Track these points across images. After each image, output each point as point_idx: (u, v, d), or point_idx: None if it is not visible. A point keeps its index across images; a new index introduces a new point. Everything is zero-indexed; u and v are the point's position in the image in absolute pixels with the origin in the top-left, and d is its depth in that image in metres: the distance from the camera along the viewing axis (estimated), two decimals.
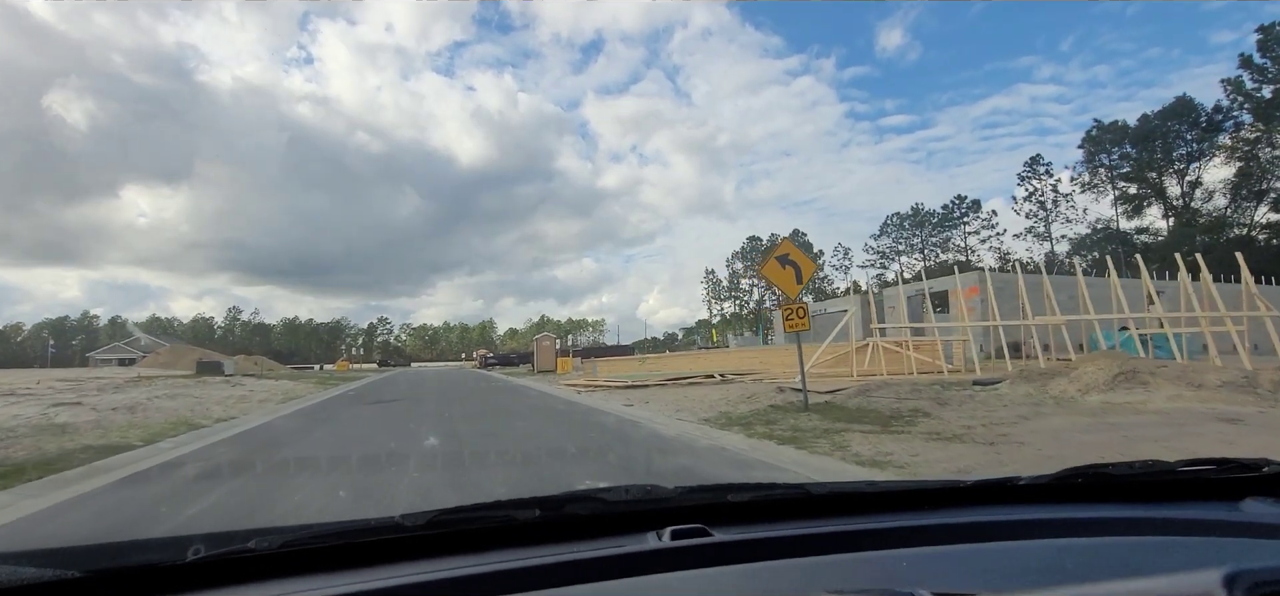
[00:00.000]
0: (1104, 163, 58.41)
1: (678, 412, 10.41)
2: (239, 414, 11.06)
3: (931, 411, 8.17)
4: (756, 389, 12.46)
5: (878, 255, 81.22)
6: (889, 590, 0.80)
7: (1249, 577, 0.48)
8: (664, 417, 9.77)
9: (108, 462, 6.06)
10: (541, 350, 36.69)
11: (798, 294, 8.94)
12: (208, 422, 9.67)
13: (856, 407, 8.81)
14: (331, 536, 1.04)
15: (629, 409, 11.30)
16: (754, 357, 19.92)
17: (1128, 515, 1.20)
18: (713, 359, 21.30)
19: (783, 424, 7.97)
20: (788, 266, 8.93)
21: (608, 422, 9.20)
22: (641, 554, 1.02)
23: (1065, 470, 1.39)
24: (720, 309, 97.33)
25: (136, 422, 9.29)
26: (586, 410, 11.26)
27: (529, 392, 16.78)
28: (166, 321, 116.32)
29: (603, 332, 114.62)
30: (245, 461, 6.25)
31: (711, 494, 1.28)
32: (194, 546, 0.94)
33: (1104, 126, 58.10)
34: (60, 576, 0.86)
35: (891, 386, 10.26)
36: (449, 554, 1.03)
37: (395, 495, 4.58)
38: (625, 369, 22.06)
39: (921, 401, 8.50)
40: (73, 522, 3.98)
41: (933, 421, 7.58)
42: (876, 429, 7.12)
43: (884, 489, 1.43)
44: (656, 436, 7.66)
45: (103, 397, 12.81)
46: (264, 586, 0.94)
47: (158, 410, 10.82)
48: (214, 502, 4.38)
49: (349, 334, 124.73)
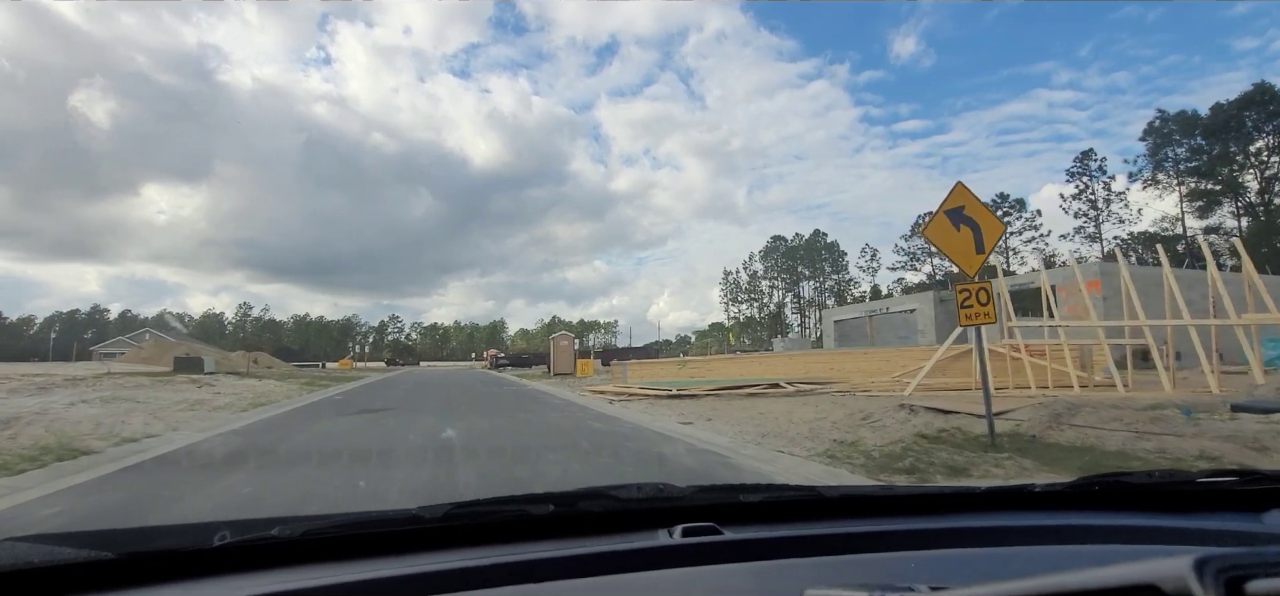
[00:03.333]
0: (1169, 156, 53.89)
1: (767, 438, 7.34)
2: (165, 430, 8.13)
3: (1242, 459, 5.05)
4: (858, 404, 9.35)
5: (908, 256, 77.25)
6: (887, 584, 0.78)
7: (1219, 561, 0.47)
8: (757, 450, 6.70)
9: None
10: (558, 351, 33.42)
11: (979, 267, 5.82)
12: (102, 446, 6.73)
13: (1081, 447, 5.68)
14: (351, 526, 1.05)
15: (691, 431, 8.24)
16: (817, 363, 16.71)
17: (1145, 524, 1.17)
18: (765, 364, 18.11)
19: (982, 476, 4.90)
20: (963, 226, 5.80)
21: (681, 459, 6.16)
22: (653, 549, 1.04)
23: (1083, 477, 1.38)
24: (737, 311, 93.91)
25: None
26: (635, 433, 8.21)
27: (551, 402, 13.76)
28: (178, 317, 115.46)
29: (614, 334, 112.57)
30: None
31: (723, 493, 1.29)
32: (219, 532, 0.96)
33: (1169, 117, 53.58)
34: (96, 557, 0.89)
35: (1077, 408, 7.14)
36: (464, 546, 1.04)
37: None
38: (661, 373, 18.95)
39: (1189, 440, 5.37)
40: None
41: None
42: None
43: (898, 493, 1.44)
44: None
45: (7, 401, 9.96)
46: (286, 572, 0.93)
47: (53, 421, 7.91)
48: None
49: (360, 332, 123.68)
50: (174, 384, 16.49)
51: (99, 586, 0.88)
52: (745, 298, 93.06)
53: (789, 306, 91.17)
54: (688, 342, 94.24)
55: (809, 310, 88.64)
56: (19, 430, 7.13)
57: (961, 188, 6.01)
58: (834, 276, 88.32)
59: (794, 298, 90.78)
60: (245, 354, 46.29)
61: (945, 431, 6.78)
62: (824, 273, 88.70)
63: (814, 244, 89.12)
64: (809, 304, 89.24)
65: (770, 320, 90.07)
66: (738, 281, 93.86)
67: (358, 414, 10.62)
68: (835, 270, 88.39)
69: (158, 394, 12.97)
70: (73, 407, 9.74)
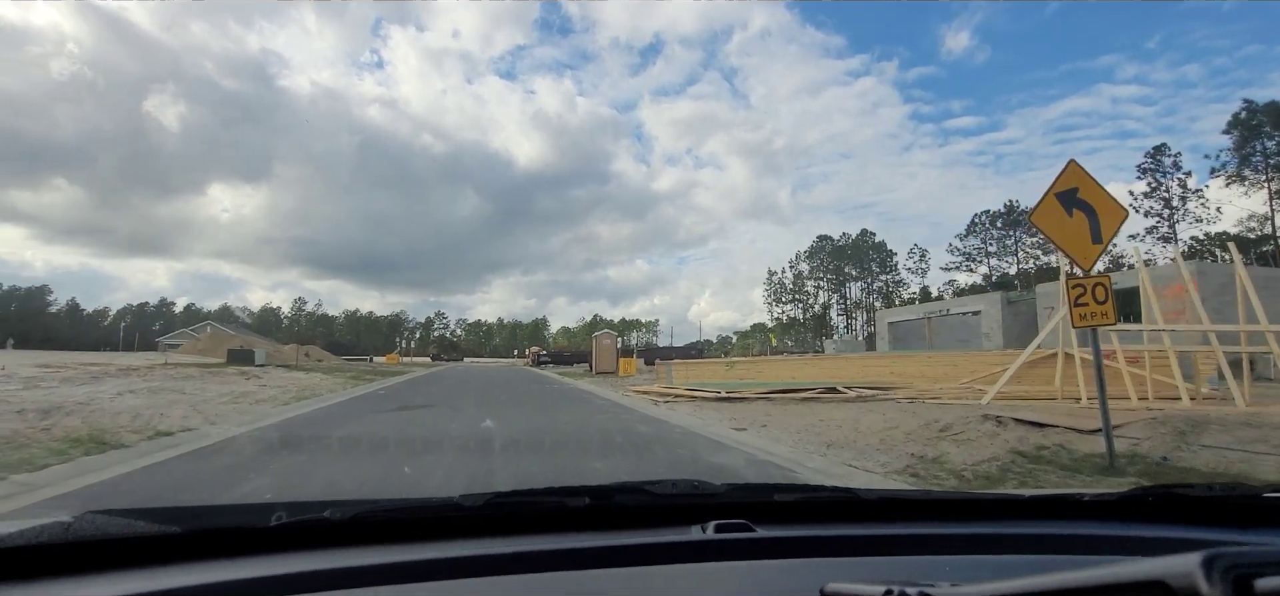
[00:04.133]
0: (1257, 150, 49.46)
1: (834, 449, 6.59)
2: (203, 424, 7.94)
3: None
4: (930, 413, 8.47)
5: (963, 257, 73.87)
6: (911, 582, 0.76)
7: (1227, 558, 0.47)
8: (824, 463, 5.97)
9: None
10: (601, 349, 32.98)
11: (1095, 259, 4.93)
12: (135, 439, 6.51)
13: (1225, 472, 4.74)
14: (398, 511, 1.09)
15: (746, 438, 7.54)
16: (874, 366, 15.65)
17: (1201, 537, 1.11)
18: (818, 366, 17.15)
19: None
20: (1076, 211, 4.91)
21: (740, 471, 5.48)
22: (685, 543, 1.05)
23: (1136, 488, 1.30)
24: (781, 312, 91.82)
25: (26, 434, 6.23)
26: (685, 438, 7.57)
27: (594, 401, 13.25)
28: (237, 310, 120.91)
29: (655, 333, 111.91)
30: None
31: (758, 492, 1.30)
32: (277, 513, 1.01)
33: (1257, 109, 49.06)
34: (165, 531, 0.94)
35: (1201, 425, 6.12)
36: (503, 534, 1.07)
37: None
38: (707, 375, 18.21)
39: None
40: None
41: None
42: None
43: (937, 497, 1.41)
44: None
45: (57, 390, 10.03)
46: (337, 552, 0.97)
47: (93, 412, 7.81)
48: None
49: (407, 328, 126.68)
50: (223, 375, 16.70)
51: (166, 559, 0.92)
52: (790, 298, 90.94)
53: (835, 307, 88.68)
54: (729, 343, 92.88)
55: (856, 311, 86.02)
56: (57, 421, 7.00)
57: (1075, 166, 5.12)
58: (882, 277, 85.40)
59: (840, 298, 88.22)
60: (297, 347, 47.70)
61: (1045, 449, 5.89)
62: (871, 273, 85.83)
63: (861, 244, 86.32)
64: (855, 305, 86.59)
65: (815, 322, 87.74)
66: (782, 281, 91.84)
67: (400, 409, 10.31)
68: (883, 271, 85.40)
69: (205, 385, 13.03)
70: (119, 398, 9.72)
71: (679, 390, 14.46)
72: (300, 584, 0.88)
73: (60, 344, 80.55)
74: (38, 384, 11.23)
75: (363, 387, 16.44)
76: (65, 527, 0.91)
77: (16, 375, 13.34)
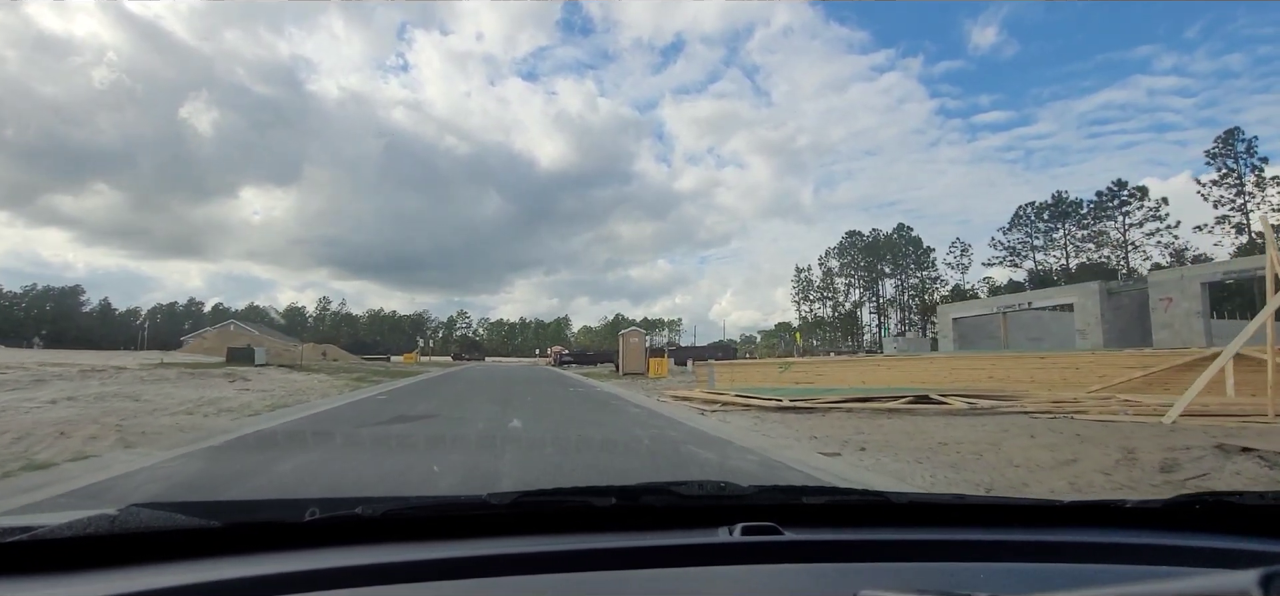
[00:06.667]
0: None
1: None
2: (108, 451, 5.92)
3: None
4: (1098, 433, 6.11)
5: (1007, 251, 70.02)
6: (946, 591, 0.73)
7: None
8: None
9: None
10: (628, 349, 30.66)
11: None
12: (16, 472, 4.51)
13: None
14: (427, 509, 1.10)
15: (845, 469, 5.26)
16: (966, 369, 13.14)
17: (1251, 548, 1.05)
18: (891, 368, 14.70)
19: None
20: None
21: None
22: (712, 545, 1.03)
23: (1181, 495, 1.23)
24: (809, 310, 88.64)
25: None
26: (763, 471, 5.32)
27: (627, 410, 11.06)
28: (267, 310, 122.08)
29: (678, 333, 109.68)
30: None
31: (786, 494, 1.26)
32: (310, 509, 1.02)
33: None
34: (204, 525, 0.96)
35: None
36: (530, 533, 1.07)
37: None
38: (755, 378, 15.87)
39: None
40: None
41: None
42: None
43: (971, 502, 1.37)
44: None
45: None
46: (368, 548, 0.98)
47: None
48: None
49: (430, 327, 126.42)
50: (207, 377, 14.90)
51: (204, 552, 0.94)
52: (818, 296, 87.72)
53: (866, 306, 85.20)
54: (752, 342, 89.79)
55: (889, 309, 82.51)
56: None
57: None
58: (918, 274, 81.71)
59: (871, 296, 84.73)
60: (316, 346, 46.57)
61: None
62: (907, 269, 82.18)
63: (897, 239, 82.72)
64: (889, 303, 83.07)
65: (844, 320, 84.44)
66: (810, 279, 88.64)
67: (395, 421, 8.25)
68: (920, 267, 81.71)
69: (176, 390, 11.16)
70: (43, 407, 7.82)
71: (728, 396, 12.19)
72: (333, 579, 0.88)
73: (91, 343, 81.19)
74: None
75: (364, 390, 14.50)
76: (111, 521, 0.93)
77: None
